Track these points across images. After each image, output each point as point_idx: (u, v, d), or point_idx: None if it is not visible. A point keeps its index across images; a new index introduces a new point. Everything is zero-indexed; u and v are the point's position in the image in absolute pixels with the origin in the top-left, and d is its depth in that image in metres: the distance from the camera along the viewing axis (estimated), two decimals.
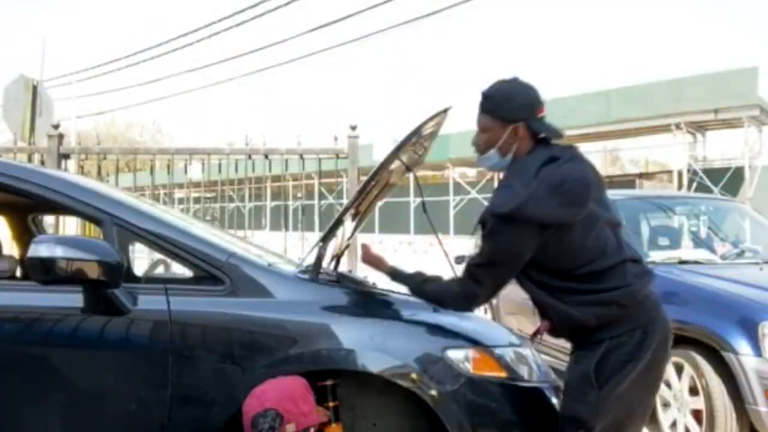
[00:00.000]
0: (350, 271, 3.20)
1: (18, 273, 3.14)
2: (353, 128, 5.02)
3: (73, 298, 2.03)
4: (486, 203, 2.11)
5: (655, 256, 4.20)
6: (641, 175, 22.06)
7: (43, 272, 1.93)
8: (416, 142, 2.36)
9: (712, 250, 4.59)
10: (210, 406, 2.02)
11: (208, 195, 7.48)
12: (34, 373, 2.06)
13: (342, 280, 2.36)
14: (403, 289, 2.29)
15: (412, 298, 2.46)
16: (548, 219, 1.86)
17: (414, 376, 2.02)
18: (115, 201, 2.27)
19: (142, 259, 3.80)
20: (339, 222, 2.40)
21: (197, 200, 6.34)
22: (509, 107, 1.99)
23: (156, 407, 2.03)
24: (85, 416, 2.07)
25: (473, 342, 2.15)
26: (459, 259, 5.49)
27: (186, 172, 5.70)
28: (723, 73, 15.07)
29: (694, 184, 15.97)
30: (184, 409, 2.03)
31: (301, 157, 5.09)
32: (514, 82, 2.03)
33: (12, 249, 3.53)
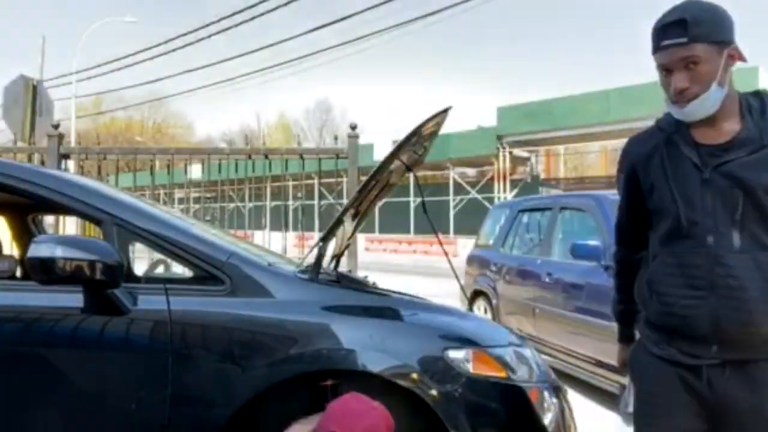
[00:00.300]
0: (350, 271, 3.20)
1: (18, 273, 3.15)
2: (353, 128, 5.03)
3: (73, 298, 2.03)
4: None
5: None
6: None
7: (43, 272, 1.93)
8: (416, 142, 2.36)
9: None
10: (210, 406, 2.02)
11: (208, 195, 7.49)
12: (34, 373, 2.05)
13: (342, 280, 2.36)
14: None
15: (411, 298, 2.46)
16: None
17: (414, 376, 2.02)
18: (115, 201, 2.27)
19: (142, 259, 3.80)
20: (339, 222, 2.40)
21: (197, 200, 6.35)
22: (723, 26, 1.57)
23: (156, 407, 2.02)
24: (85, 416, 2.06)
25: (473, 342, 2.15)
26: None
27: (186, 172, 5.70)
28: None
29: None
30: (184, 409, 2.03)
31: (301, 157, 5.09)
32: (710, 1, 1.61)
33: (12, 249, 3.53)
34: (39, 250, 1.92)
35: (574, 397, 3.44)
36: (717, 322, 1.57)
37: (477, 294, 6.68)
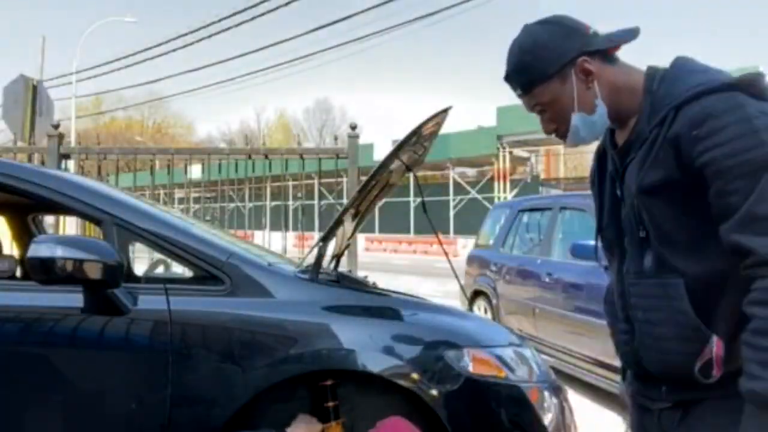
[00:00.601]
0: (350, 271, 3.20)
1: (18, 273, 3.14)
2: (353, 128, 5.03)
3: (73, 298, 2.03)
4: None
5: None
6: None
7: (43, 272, 1.93)
8: (416, 142, 2.36)
9: None
10: (210, 406, 2.02)
11: (208, 195, 7.50)
12: (34, 373, 2.05)
13: (342, 280, 2.36)
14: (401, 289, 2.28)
15: (411, 298, 2.46)
16: None
17: (414, 376, 2.02)
18: (115, 201, 2.27)
19: (142, 259, 3.80)
20: (339, 222, 2.40)
21: (197, 200, 6.35)
22: (550, 56, 1.33)
23: (156, 407, 2.02)
24: (85, 416, 2.06)
25: (473, 342, 2.15)
26: None
27: (186, 172, 5.71)
28: None
29: None
30: (184, 409, 2.03)
31: (301, 157, 5.09)
32: (529, 28, 1.39)
33: (12, 249, 3.53)
34: (39, 250, 1.93)
35: (574, 397, 3.44)
36: (639, 360, 1.35)
37: (477, 294, 6.68)
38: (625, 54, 1.43)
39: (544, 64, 1.34)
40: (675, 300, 1.24)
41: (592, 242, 4.84)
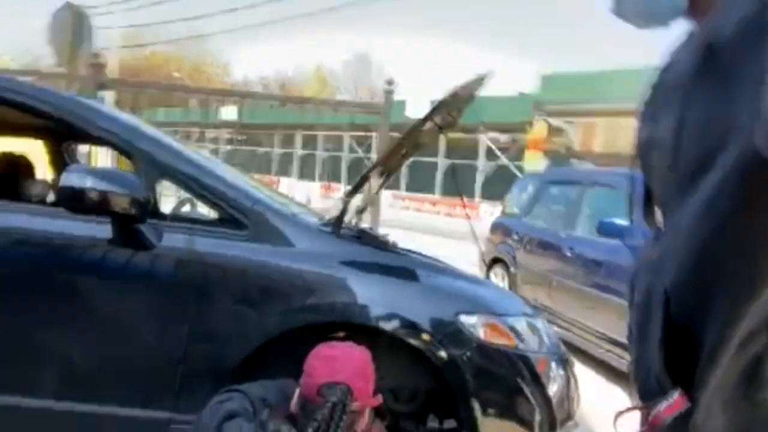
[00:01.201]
0: (371, 228, 3.21)
1: (50, 198, 3.22)
2: (389, 83, 4.97)
3: (100, 229, 2.08)
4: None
5: None
6: None
7: (73, 201, 1.98)
8: (452, 105, 2.33)
9: None
10: (225, 346, 2.07)
11: (240, 137, 7.53)
12: (56, 297, 2.12)
13: (363, 236, 2.37)
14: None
15: (430, 260, 2.47)
16: None
17: (425, 336, 2.05)
18: (148, 137, 2.29)
19: (169, 197, 3.85)
20: (366, 178, 2.41)
21: (229, 141, 6.38)
22: None
23: (173, 342, 2.08)
24: (104, 343, 2.13)
25: (486, 309, 2.16)
26: None
27: (218, 113, 5.72)
28: None
29: None
30: (200, 345, 2.09)
31: (335, 109, 5.07)
32: None
33: (45, 174, 3.61)
34: (70, 179, 1.97)
35: (582, 370, 3.46)
36: None
37: (496, 261, 6.68)
38: None
39: None
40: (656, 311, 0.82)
41: (620, 221, 4.75)
